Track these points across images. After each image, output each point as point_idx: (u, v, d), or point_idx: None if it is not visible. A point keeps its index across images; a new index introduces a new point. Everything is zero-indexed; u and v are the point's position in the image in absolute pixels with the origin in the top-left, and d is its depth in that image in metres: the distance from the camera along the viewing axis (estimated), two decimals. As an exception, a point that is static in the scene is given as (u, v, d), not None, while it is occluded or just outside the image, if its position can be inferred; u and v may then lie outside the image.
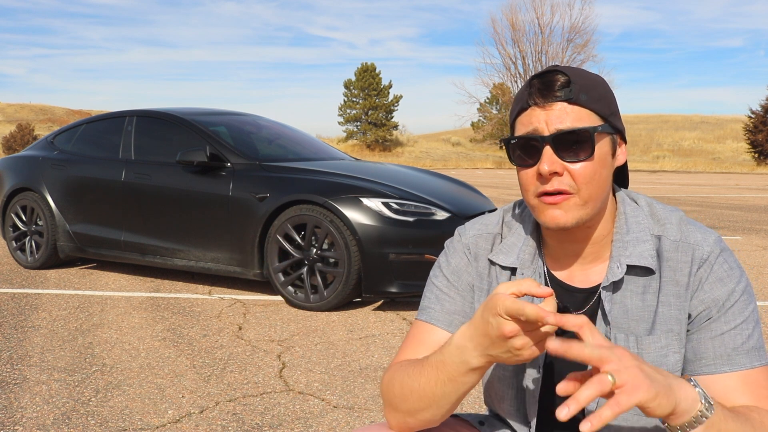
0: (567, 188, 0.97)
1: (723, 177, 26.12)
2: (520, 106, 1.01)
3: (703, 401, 0.82)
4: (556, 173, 0.97)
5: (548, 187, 0.97)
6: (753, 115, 37.55)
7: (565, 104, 0.97)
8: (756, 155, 37.12)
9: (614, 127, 1.01)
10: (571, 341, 0.78)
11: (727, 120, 56.84)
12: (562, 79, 0.97)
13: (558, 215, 0.98)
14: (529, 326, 0.84)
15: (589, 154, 0.97)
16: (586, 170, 0.97)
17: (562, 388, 0.78)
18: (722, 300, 0.99)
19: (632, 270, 1.02)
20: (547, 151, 0.97)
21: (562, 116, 0.96)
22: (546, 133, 0.97)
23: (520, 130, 1.00)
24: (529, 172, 1.00)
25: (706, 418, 0.82)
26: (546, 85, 0.97)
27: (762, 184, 20.40)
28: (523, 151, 1.00)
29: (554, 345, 0.78)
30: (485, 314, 0.86)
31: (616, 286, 1.03)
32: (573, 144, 0.96)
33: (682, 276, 1.01)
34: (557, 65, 1.00)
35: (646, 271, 1.02)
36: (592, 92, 0.98)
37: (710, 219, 9.61)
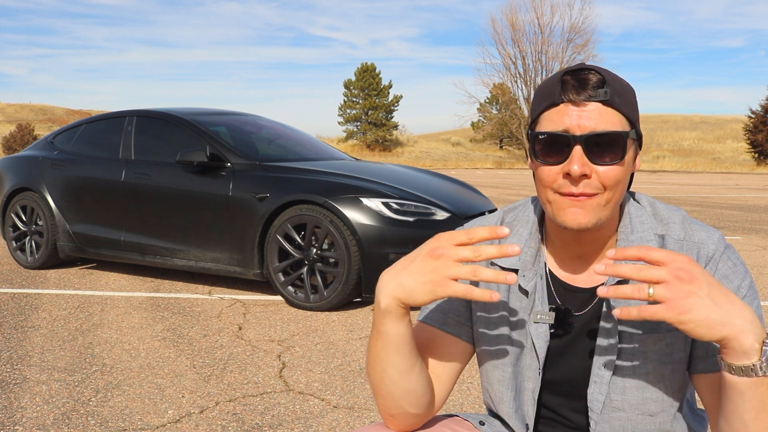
0: (593, 190, 0.95)
1: (723, 177, 26.12)
2: (551, 101, 0.97)
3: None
4: (585, 175, 0.94)
5: (575, 190, 0.95)
6: (753, 115, 37.57)
7: (599, 105, 0.94)
8: (756, 155, 37.13)
9: (638, 134, 1.00)
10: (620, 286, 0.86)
11: (727, 120, 56.85)
12: (596, 78, 0.94)
13: (579, 215, 0.96)
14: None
15: (620, 158, 0.95)
16: (614, 173, 0.95)
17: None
18: None
19: None
20: (578, 151, 0.94)
21: (596, 117, 0.94)
22: (578, 133, 0.94)
23: (548, 126, 0.97)
24: (554, 169, 0.96)
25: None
26: (581, 82, 0.94)
27: (762, 184, 20.40)
28: (550, 147, 0.96)
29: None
30: (422, 246, 0.94)
31: (620, 284, 1.02)
32: (604, 147, 0.94)
33: None
34: (584, 64, 0.98)
35: None
36: (624, 96, 0.97)
37: (710, 219, 9.61)
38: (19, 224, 5.54)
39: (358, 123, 46.14)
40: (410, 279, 0.93)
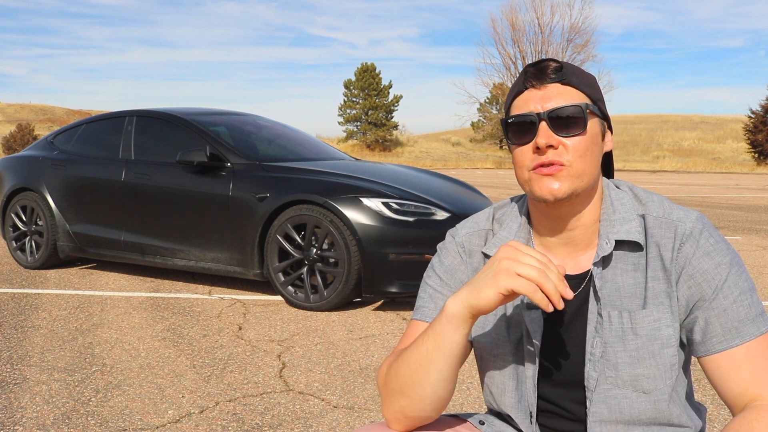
0: (562, 160, 1.01)
1: (723, 177, 26.12)
2: (516, 90, 1.07)
3: None
4: (551, 146, 1.01)
5: (544, 159, 1.01)
6: (753, 115, 37.56)
7: (558, 85, 1.04)
8: (756, 155, 37.12)
9: (602, 112, 1.07)
10: None
11: (727, 120, 56.87)
12: (554, 64, 1.04)
13: (553, 186, 1.01)
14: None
15: (582, 129, 1.02)
16: (580, 144, 1.02)
17: None
18: (712, 273, 1.01)
19: (621, 246, 1.05)
20: (543, 126, 1.02)
21: (556, 95, 1.03)
22: (541, 111, 1.02)
23: (516, 112, 1.06)
24: (524, 149, 1.04)
25: None
26: (540, 70, 1.04)
27: (762, 184, 20.40)
28: (520, 129, 1.05)
29: None
30: (498, 251, 0.96)
31: (606, 262, 1.05)
32: (567, 119, 1.02)
33: (666, 251, 1.04)
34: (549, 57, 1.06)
35: (635, 247, 1.05)
36: (582, 78, 1.06)
37: (710, 219, 9.61)
38: (19, 224, 5.54)
39: (358, 123, 46.11)
40: (480, 277, 0.96)
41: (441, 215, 4.16)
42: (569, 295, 0.91)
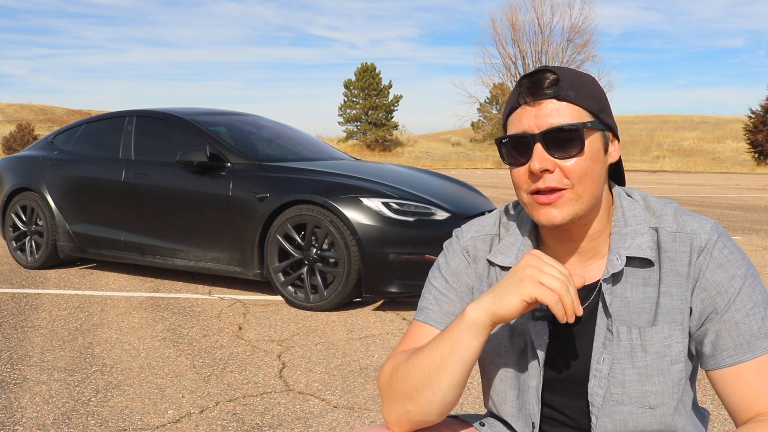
0: (559, 185, 0.97)
1: (723, 177, 26.11)
2: (511, 105, 1.02)
3: None
4: (547, 170, 0.97)
5: (540, 185, 0.98)
6: (753, 115, 37.56)
7: (554, 101, 0.97)
8: (756, 155, 37.12)
9: (605, 124, 1.01)
10: None
11: (727, 120, 56.87)
12: (551, 77, 0.98)
13: (553, 214, 0.98)
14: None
15: (579, 150, 0.97)
16: (578, 166, 0.97)
17: None
18: (725, 286, 0.98)
19: (632, 262, 1.03)
20: (538, 148, 0.97)
21: (551, 113, 0.97)
22: (536, 131, 0.98)
23: (511, 129, 1.02)
24: (521, 170, 1.01)
25: None
26: (535, 84, 0.98)
27: (762, 184, 20.40)
28: (515, 149, 1.01)
29: None
30: (522, 260, 0.96)
31: (616, 278, 1.03)
32: (563, 140, 0.97)
33: (682, 266, 1.01)
34: (547, 65, 1.01)
35: (646, 263, 1.02)
36: (581, 90, 0.99)
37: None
38: (19, 224, 5.54)
39: (358, 123, 46.11)
40: (503, 284, 0.96)
41: (441, 215, 4.16)
42: (580, 311, 0.91)
